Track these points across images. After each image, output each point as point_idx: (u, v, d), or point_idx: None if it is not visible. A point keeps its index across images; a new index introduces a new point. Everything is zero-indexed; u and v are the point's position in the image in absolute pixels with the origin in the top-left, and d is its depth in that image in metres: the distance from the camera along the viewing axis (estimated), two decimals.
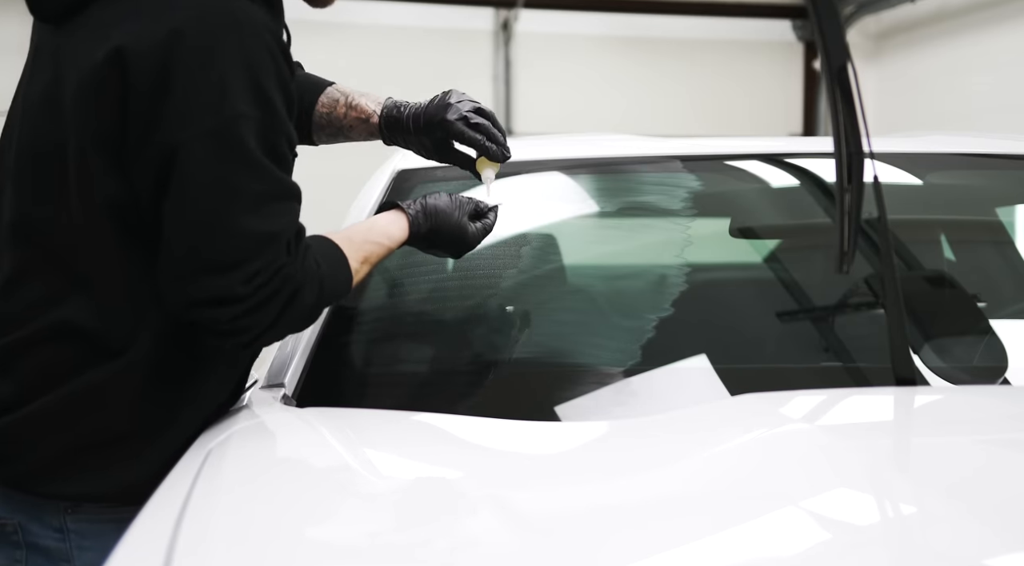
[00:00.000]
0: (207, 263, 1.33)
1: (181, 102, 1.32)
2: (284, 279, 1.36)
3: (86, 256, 1.39)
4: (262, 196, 1.35)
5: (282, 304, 1.37)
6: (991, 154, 2.20)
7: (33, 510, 1.41)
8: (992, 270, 2.19)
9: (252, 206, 1.33)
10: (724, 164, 2.13)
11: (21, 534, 1.41)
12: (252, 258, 1.33)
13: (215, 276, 1.33)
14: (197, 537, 1.01)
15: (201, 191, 1.32)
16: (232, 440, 1.32)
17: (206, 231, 1.33)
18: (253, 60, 1.34)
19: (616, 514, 1.07)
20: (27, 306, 1.40)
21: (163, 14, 1.33)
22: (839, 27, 1.41)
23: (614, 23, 7.12)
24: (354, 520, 1.07)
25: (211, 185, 1.32)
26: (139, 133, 1.33)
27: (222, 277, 1.33)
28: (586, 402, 1.62)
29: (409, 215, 1.57)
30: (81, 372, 1.38)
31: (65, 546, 1.40)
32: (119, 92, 1.33)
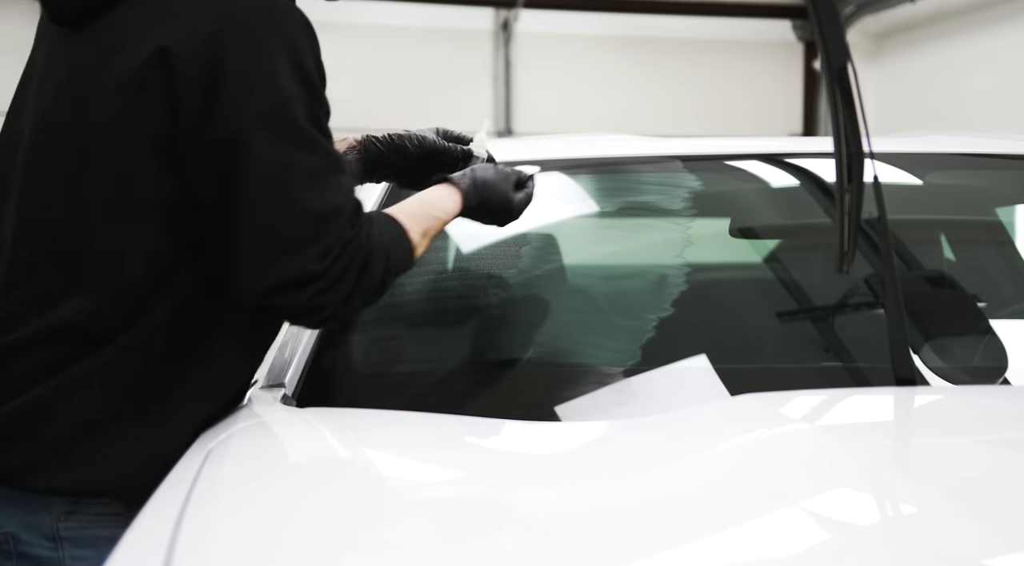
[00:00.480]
0: (281, 246, 1.35)
1: (233, 95, 1.34)
2: (353, 252, 1.38)
3: (101, 256, 1.39)
4: (321, 172, 1.38)
5: (355, 277, 1.39)
6: (991, 154, 2.20)
7: (25, 518, 1.39)
8: (992, 270, 2.19)
9: (313, 183, 1.36)
10: (724, 164, 2.13)
11: (12, 544, 1.39)
12: (322, 235, 1.36)
13: (291, 258, 1.35)
14: (197, 537, 1.01)
15: (266, 175, 1.35)
16: (232, 440, 1.32)
17: (277, 214, 1.35)
18: (292, 44, 1.38)
19: (616, 514, 1.07)
20: (25, 306, 1.40)
21: (201, 12, 1.36)
22: (839, 27, 1.41)
23: (614, 23, 7.12)
24: (354, 520, 1.07)
25: (274, 168, 1.35)
26: (193, 132, 1.35)
27: (298, 257, 1.35)
28: (586, 402, 1.62)
29: (461, 188, 1.59)
30: (72, 363, 1.38)
31: (58, 555, 1.39)
32: (166, 92, 1.35)
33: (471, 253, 1.83)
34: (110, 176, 1.38)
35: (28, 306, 1.40)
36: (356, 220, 1.41)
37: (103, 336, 1.38)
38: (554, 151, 2.18)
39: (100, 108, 1.38)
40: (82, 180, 1.39)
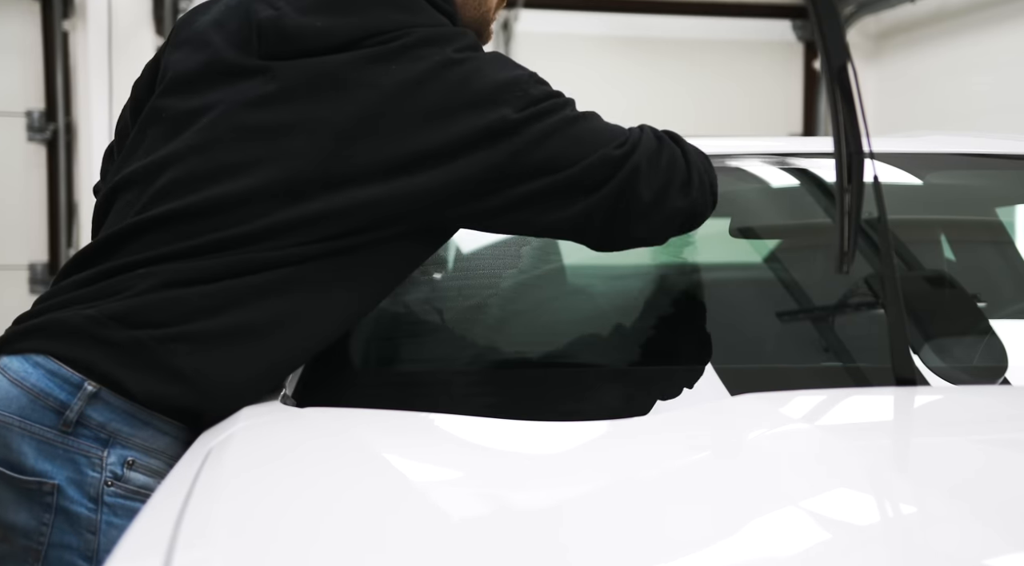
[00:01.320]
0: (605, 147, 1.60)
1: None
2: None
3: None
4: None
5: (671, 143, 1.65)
6: (991, 154, 2.20)
7: (75, 474, 1.43)
8: (992, 270, 2.19)
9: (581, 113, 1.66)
10: (724, 164, 2.13)
11: (56, 497, 1.42)
12: (616, 130, 1.66)
13: (610, 150, 1.58)
14: (197, 535, 1.01)
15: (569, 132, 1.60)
16: (232, 440, 1.33)
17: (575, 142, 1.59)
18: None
19: (616, 514, 1.07)
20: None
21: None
22: (839, 27, 1.41)
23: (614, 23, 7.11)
24: (354, 519, 1.07)
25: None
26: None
27: (612, 146, 1.61)
28: (586, 402, 1.62)
29: None
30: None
31: (96, 518, 1.43)
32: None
33: (471, 253, 1.83)
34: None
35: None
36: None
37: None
38: None
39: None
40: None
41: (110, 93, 5.56)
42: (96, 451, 1.43)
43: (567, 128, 1.55)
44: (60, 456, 1.43)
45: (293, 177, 1.48)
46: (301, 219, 1.48)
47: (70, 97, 5.86)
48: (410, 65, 1.51)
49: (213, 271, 1.47)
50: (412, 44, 1.53)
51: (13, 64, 5.78)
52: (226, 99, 1.55)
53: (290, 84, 1.53)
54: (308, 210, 1.47)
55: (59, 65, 5.73)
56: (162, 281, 1.46)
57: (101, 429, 1.44)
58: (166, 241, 1.49)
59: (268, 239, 1.47)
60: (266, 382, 1.52)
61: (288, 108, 1.51)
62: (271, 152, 1.50)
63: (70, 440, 1.43)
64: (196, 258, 1.48)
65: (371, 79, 1.51)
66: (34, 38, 5.72)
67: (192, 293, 1.46)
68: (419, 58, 1.52)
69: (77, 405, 1.43)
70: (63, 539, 1.43)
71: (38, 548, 1.43)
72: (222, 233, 1.48)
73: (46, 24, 5.69)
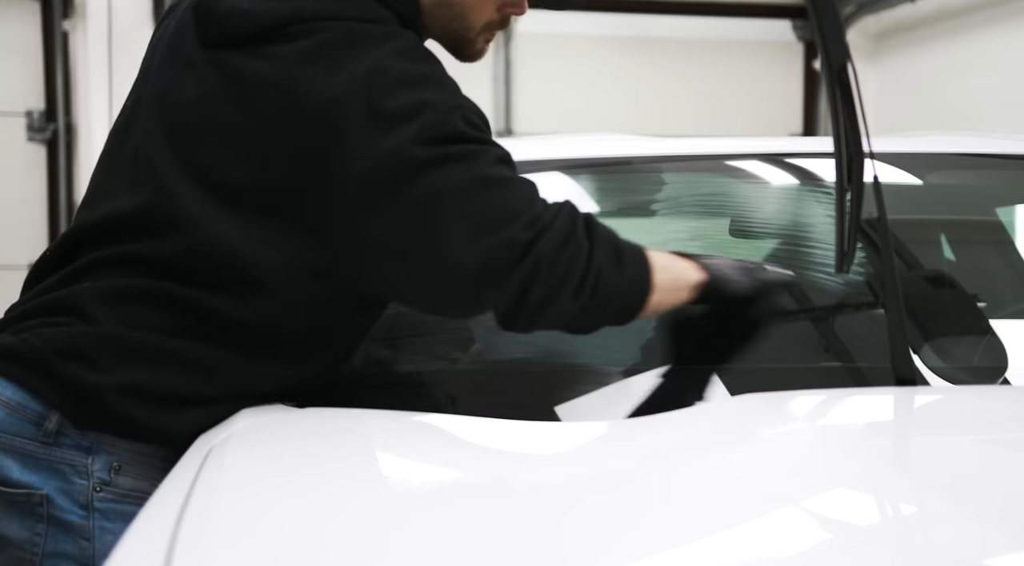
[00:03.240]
0: (503, 214, 1.40)
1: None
2: (557, 211, 1.42)
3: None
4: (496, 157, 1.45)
5: (584, 236, 1.41)
6: (991, 154, 2.20)
7: (63, 483, 1.41)
8: (992, 270, 2.19)
9: (493, 165, 1.43)
10: (724, 164, 2.13)
11: (46, 507, 1.41)
12: (533, 197, 1.43)
13: (511, 221, 1.39)
14: (197, 537, 1.01)
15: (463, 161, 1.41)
16: (232, 440, 1.32)
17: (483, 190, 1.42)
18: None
19: (616, 514, 1.07)
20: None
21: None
22: (839, 27, 1.41)
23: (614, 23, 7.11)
24: (354, 520, 1.07)
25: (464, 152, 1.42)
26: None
27: (517, 220, 1.39)
28: (586, 402, 1.62)
29: (711, 270, 1.49)
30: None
31: (88, 524, 1.42)
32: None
33: None
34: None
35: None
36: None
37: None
38: (554, 151, 2.18)
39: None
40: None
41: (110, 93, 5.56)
42: (80, 459, 1.42)
43: (475, 189, 1.37)
44: (45, 467, 1.41)
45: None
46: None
47: (70, 97, 5.86)
48: (328, 76, 1.38)
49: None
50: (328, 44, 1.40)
51: (13, 64, 5.79)
52: (151, 94, 1.50)
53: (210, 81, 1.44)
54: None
55: (59, 65, 5.73)
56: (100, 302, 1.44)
57: (83, 437, 1.42)
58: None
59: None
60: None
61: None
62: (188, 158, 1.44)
63: (53, 451, 1.41)
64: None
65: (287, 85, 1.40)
66: (34, 38, 5.72)
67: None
68: (336, 66, 1.39)
69: (55, 416, 1.41)
70: (57, 548, 1.41)
71: (33, 558, 1.41)
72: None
73: (46, 24, 5.69)
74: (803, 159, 2.11)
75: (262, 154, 1.40)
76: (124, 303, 1.43)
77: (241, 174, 1.41)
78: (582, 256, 1.38)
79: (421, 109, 1.37)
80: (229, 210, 1.41)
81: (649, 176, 2.07)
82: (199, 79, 1.45)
